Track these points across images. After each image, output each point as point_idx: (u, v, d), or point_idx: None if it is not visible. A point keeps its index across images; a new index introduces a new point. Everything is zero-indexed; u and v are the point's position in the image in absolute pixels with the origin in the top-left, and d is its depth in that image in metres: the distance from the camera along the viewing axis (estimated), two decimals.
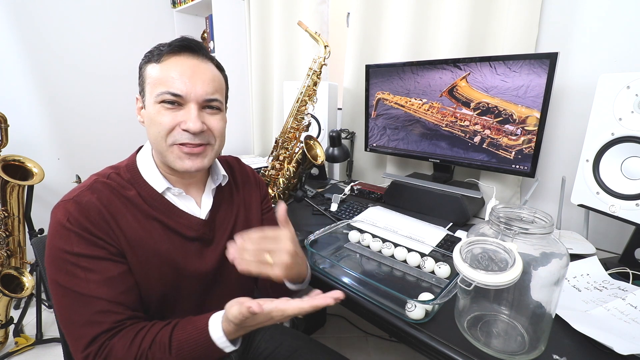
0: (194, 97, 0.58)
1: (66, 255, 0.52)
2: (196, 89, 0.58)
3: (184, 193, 0.64)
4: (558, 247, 0.50)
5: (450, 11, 1.14)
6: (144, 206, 0.60)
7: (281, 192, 1.13)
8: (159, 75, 0.57)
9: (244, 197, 0.75)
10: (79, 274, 0.52)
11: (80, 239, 0.52)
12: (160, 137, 0.58)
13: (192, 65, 0.59)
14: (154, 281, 0.59)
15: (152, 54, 0.60)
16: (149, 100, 0.59)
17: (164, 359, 0.50)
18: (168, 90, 0.56)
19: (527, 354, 0.52)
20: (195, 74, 0.58)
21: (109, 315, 0.52)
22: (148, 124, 0.60)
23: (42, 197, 1.76)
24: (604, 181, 0.77)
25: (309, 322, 1.55)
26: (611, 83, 0.74)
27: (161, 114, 0.57)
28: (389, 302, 0.64)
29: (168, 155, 0.59)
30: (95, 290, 0.52)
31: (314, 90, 1.10)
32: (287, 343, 0.80)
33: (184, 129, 0.57)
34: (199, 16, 2.30)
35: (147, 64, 0.60)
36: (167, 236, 0.61)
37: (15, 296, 1.38)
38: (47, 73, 1.79)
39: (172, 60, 0.58)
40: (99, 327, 0.51)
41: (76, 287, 0.51)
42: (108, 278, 0.53)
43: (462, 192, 1.05)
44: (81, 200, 0.54)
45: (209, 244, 0.66)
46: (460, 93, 1.04)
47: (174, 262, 0.61)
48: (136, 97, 0.63)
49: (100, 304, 0.52)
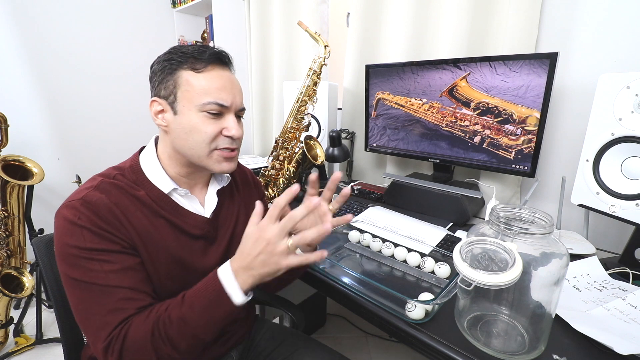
0: (234, 107, 0.63)
1: (78, 251, 0.52)
2: (236, 100, 0.63)
3: (189, 193, 0.66)
4: (558, 247, 0.50)
5: (450, 11, 1.14)
6: (153, 205, 0.61)
7: (281, 192, 1.13)
8: (203, 85, 0.59)
9: (244, 197, 0.78)
10: (94, 267, 0.52)
11: (93, 234, 0.53)
12: (205, 144, 0.61)
13: (229, 77, 0.63)
14: (163, 277, 0.60)
15: (182, 61, 0.59)
16: (187, 107, 0.59)
17: (178, 313, 0.51)
18: (216, 101, 0.59)
19: (527, 354, 0.52)
20: (234, 85, 0.63)
21: (131, 302, 0.53)
22: (186, 130, 0.60)
23: (42, 197, 1.77)
24: (604, 181, 0.77)
25: (309, 322, 1.55)
26: (611, 83, 0.74)
27: (205, 122, 0.60)
28: (389, 302, 0.64)
29: (207, 160, 0.62)
30: (114, 280, 0.52)
31: (314, 90, 1.10)
32: (287, 343, 0.80)
33: (228, 135, 0.62)
34: (199, 16, 2.30)
35: (179, 70, 0.59)
36: (174, 234, 0.62)
37: (15, 296, 1.38)
38: (47, 73, 1.79)
39: (212, 71, 0.60)
40: (124, 313, 0.52)
41: (94, 279, 0.52)
42: (125, 268, 0.54)
43: (462, 192, 1.05)
44: (90, 199, 0.55)
45: (213, 242, 0.68)
46: (460, 93, 1.04)
47: (181, 259, 0.62)
48: (153, 99, 0.62)
49: (123, 292, 0.52)
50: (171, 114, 0.61)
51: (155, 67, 0.62)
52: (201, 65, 0.59)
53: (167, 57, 0.61)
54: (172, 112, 0.60)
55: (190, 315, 0.51)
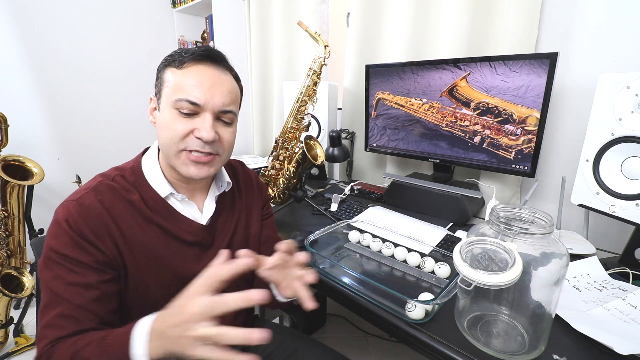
0: (210, 107, 0.58)
1: (54, 254, 0.52)
2: (214, 99, 0.58)
3: (187, 199, 0.65)
4: (558, 247, 0.50)
5: (450, 11, 1.14)
6: (146, 211, 0.60)
7: (281, 192, 1.13)
8: (178, 82, 0.57)
9: (246, 202, 0.76)
10: (61, 273, 0.52)
11: (72, 242, 0.52)
12: (172, 143, 0.58)
13: (212, 75, 0.59)
14: (152, 285, 0.59)
15: (172, 59, 0.59)
16: (164, 104, 0.59)
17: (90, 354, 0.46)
18: (186, 97, 0.56)
19: (527, 354, 0.52)
20: (215, 84, 0.59)
21: (71, 321, 0.50)
22: (160, 127, 0.60)
23: (42, 197, 1.76)
24: (604, 181, 0.77)
25: (309, 322, 1.55)
26: (611, 83, 0.74)
27: (176, 120, 0.58)
28: (389, 302, 0.64)
29: (175, 160, 0.60)
30: (68, 293, 0.51)
31: (314, 90, 1.10)
32: (287, 343, 0.80)
33: (198, 136, 0.58)
34: (199, 16, 2.30)
35: (167, 67, 0.60)
36: (167, 241, 0.61)
37: (15, 296, 1.38)
38: (47, 73, 1.79)
39: (193, 68, 0.58)
40: (60, 331, 0.49)
41: (53, 286, 0.51)
42: (86, 283, 0.52)
43: (462, 192, 1.05)
44: (84, 202, 0.55)
45: (208, 248, 0.67)
46: (460, 93, 1.04)
47: (173, 267, 0.61)
48: (151, 97, 0.63)
49: (68, 308, 0.50)
50: (158, 111, 0.61)
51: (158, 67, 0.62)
52: (183, 63, 0.58)
53: (166, 56, 0.61)
54: (158, 109, 0.61)
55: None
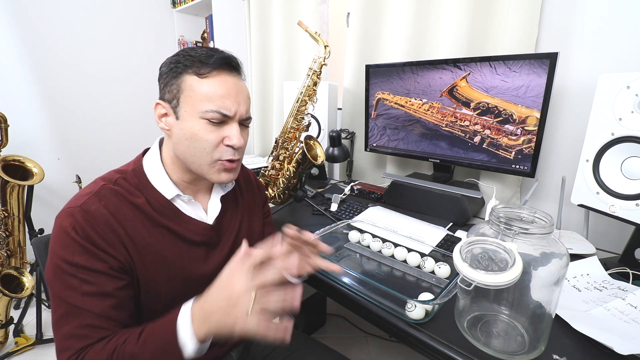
0: (238, 116, 0.60)
1: (65, 264, 0.51)
2: (240, 108, 0.60)
3: (192, 199, 0.65)
4: (558, 247, 0.50)
5: (450, 11, 1.14)
6: (152, 214, 0.59)
7: (281, 192, 1.13)
8: (206, 91, 0.57)
9: (247, 201, 0.77)
10: (73, 283, 0.51)
11: (83, 249, 0.52)
12: (206, 153, 0.59)
13: (234, 84, 0.60)
14: (162, 286, 0.60)
15: (190, 65, 0.58)
16: (189, 113, 0.58)
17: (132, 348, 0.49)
18: (218, 109, 0.57)
19: (527, 354, 0.52)
20: (238, 92, 0.60)
21: (95, 330, 0.51)
22: (187, 137, 0.59)
23: (42, 197, 1.77)
24: (604, 181, 0.77)
25: (309, 322, 1.55)
26: (611, 83, 0.74)
27: (207, 130, 0.58)
28: (389, 302, 0.64)
29: (209, 169, 0.61)
30: (87, 304, 0.51)
31: (314, 90, 1.10)
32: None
33: (229, 144, 0.60)
34: (199, 16, 2.30)
35: (183, 74, 0.58)
36: (174, 243, 0.61)
37: (15, 296, 1.38)
38: (47, 73, 1.79)
39: (217, 77, 0.58)
40: (85, 340, 0.50)
41: (68, 297, 0.51)
42: (102, 292, 0.52)
43: (462, 192, 1.05)
44: (89, 209, 0.54)
45: (215, 247, 0.67)
46: (460, 93, 1.04)
47: (181, 268, 0.62)
48: (157, 102, 0.61)
49: (90, 318, 0.51)
50: (173, 118, 0.60)
51: (163, 69, 0.61)
52: (206, 71, 0.57)
53: (174, 60, 0.59)
54: (174, 117, 0.59)
55: (141, 354, 0.49)
